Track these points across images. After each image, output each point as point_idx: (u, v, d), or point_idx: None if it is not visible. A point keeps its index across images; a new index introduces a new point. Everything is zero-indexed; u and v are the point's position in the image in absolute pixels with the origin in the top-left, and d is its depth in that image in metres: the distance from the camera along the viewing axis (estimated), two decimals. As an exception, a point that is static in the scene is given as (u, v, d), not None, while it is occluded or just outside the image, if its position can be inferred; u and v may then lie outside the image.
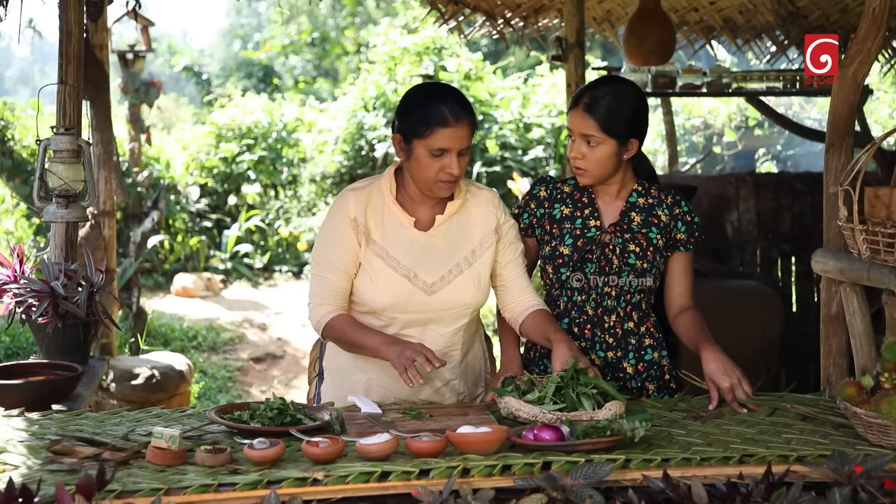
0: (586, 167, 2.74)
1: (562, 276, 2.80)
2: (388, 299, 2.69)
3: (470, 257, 2.74)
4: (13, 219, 8.85)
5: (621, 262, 2.76)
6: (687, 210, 2.82)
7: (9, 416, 2.49)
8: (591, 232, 2.79)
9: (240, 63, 19.64)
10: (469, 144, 2.63)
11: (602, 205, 2.83)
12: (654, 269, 2.79)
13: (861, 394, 2.29)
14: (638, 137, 2.76)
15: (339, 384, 2.83)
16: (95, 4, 4.93)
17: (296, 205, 11.25)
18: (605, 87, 2.75)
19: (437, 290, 2.70)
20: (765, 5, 6.22)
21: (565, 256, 2.79)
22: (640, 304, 2.82)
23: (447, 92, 2.67)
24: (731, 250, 6.07)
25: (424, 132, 2.59)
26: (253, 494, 1.92)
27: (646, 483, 1.93)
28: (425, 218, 2.74)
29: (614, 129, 2.69)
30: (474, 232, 2.76)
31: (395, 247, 2.70)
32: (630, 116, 2.72)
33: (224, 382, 7.30)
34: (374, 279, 2.69)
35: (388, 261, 2.69)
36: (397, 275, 2.68)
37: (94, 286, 3.27)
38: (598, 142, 2.70)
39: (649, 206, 2.81)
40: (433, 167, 2.61)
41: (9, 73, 33.81)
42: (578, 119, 2.71)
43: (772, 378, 4.73)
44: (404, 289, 2.68)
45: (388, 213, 2.72)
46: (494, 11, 6.18)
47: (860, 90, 3.10)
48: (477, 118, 2.71)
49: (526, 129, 11.30)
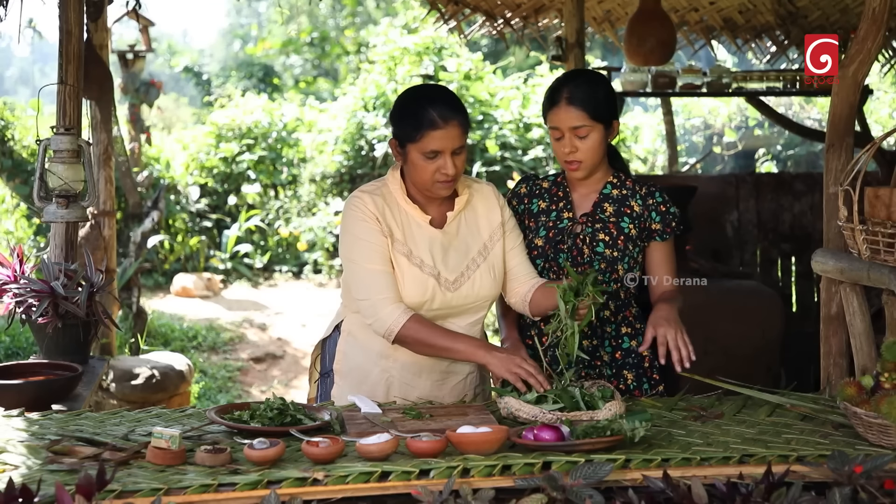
0: (581, 158, 2.79)
1: (538, 268, 2.85)
2: (416, 298, 2.70)
3: (483, 251, 2.78)
4: (13, 219, 8.85)
5: (591, 252, 2.81)
6: (661, 200, 2.86)
7: (9, 416, 2.49)
8: (564, 223, 2.86)
9: (240, 63, 19.63)
10: (463, 143, 2.65)
11: (577, 197, 2.90)
12: (627, 258, 2.83)
13: (861, 394, 2.29)
14: (616, 118, 2.85)
15: (357, 385, 2.79)
16: (95, 4, 4.93)
17: (296, 205, 11.25)
18: (576, 78, 2.87)
19: (458, 287, 2.74)
20: (765, 5, 6.22)
21: (539, 248, 2.86)
22: (617, 293, 2.85)
23: (435, 94, 2.71)
24: (731, 250, 6.06)
25: (416, 136, 2.62)
26: (253, 494, 1.92)
27: (646, 483, 1.93)
28: (436, 215, 2.77)
29: (599, 114, 2.77)
30: (482, 225, 2.80)
31: (417, 246, 2.72)
32: (608, 99, 2.82)
33: (224, 382, 7.30)
34: (402, 278, 2.69)
35: (414, 260, 2.71)
36: (423, 274, 2.70)
37: (94, 286, 3.27)
38: (588, 130, 2.77)
39: (622, 196, 2.87)
40: (429, 169, 2.64)
41: (9, 73, 33.81)
42: (563, 114, 2.78)
43: (772, 378, 4.73)
44: (430, 287, 2.71)
45: (403, 213, 2.74)
46: (494, 11, 6.19)
47: (860, 90, 3.10)
48: (468, 116, 2.74)
49: (526, 129, 11.30)
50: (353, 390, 2.76)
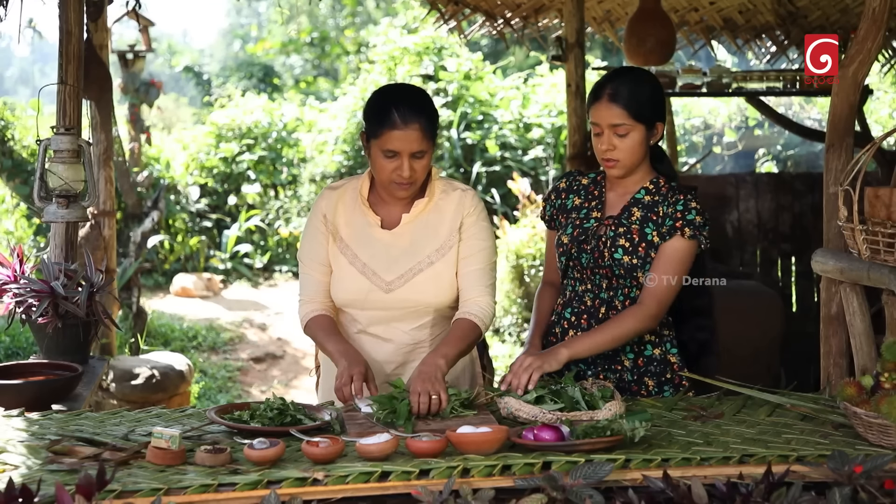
0: (619, 157, 2.73)
1: (563, 265, 2.83)
2: (349, 295, 2.76)
3: (432, 256, 2.76)
4: (13, 219, 8.85)
5: (611, 257, 2.76)
6: (683, 206, 2.73)
7: (9, 416, 2.49)
8: (590, 223, 2.81)
9: (240, 63, 19.64)
10: (424, 147, 2.65)
11: (611, 197, 2.84)
12: (649, 265, 2.74)
13: (861, 394, 2.29)
14: (661, 120, 2.77)
15: (328, 378, 2.87)
16: (95, 4, 4.93)
17: (296, 205, 11.25)
18: (623, 76, 2.78)
19: (394, 289, 2.74)
20: (765, 5, 6.22)
21: (564, 245, 2.82)
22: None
23: (402, 94, 2.71)
24: (731, 250, 6.06)
25: (377, 133, 2.65)
26: (253, 494, 1.92)
27: (646, 483, 1.93)
28: (393, 217, 2.78)
29: (642, 114, 2.71)
30: (441, 231, 2.78)
31: (357, 244, 2.76)
32: (652, 99, 2.75)
33: (224, 382, 7.30)
34: (338, 276, 2.77)
35: (350, 258, 2.76)
36: (357, 272, 2.75)
37: (94, 286, 3.27)
38: (628, 129, 2.71)
39: (653, 202, 2.78)
40: (387, 168, 2.66)
41: (9, 73, 33.83)
42: (604, 110, 2.72)
43: (772, 378, 4.73)
44: (363, 286, 2.74)
45: (357, 211, 2.79)
46: (494, 11, 6.18)
47: (860, 90, 3.10)
48: (436, 120, 2.71)
49: (526, 129, 11.30)
50: (327, 382, 2.84)
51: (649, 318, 2.69)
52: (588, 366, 2.77)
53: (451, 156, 10.95)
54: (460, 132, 11.12)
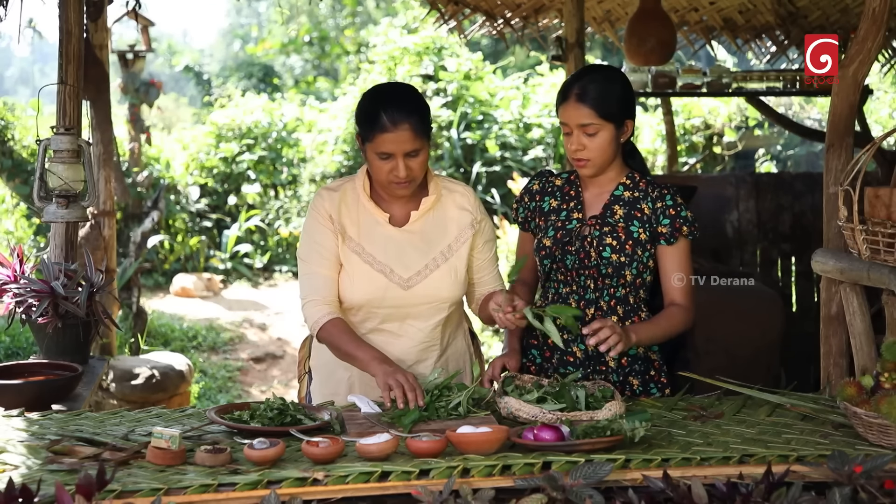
0: (589, 156, 2.73)
1: (546, 268, 2.83)
2: (366, 295, 2.74)
3: (446, 252, 2.78)
4: (13, 219, 8.84)
5: (598, 256, 2.76)
6: (672, 204, 2.76)
7: (9, 416, 2.49)
8: (572, 224, 2.81)
9: (240, 63, 19.64)
10: (417, 146, 2.65)
11: (588, 197, 2.84)
12: (636, 262, 2.75)
13: (861, 394, 2.29)
14: (631, 117, 2.78)
15: (324, 382, 2.87)
16: (95, 4, 4.93)
17: (296, 205, 11.25)
18: (590, 75, 2.77)
19: (413, 285, 2.74)
20: (765, 5, 6.22)
21: (547, 248, 2.81)
22: (626, 298, 2.79)
23: (391, 96, 2.70)
24: (731, 250, 6.06)
25: (369, 136, 2.65)
26: (253, 494, 1.92)
27: (646, 483, 1.93)
28: (400, 214, 2.78)
29: (610, 113, 2.71)
30: (450, 227, 2.80)
31: (370, 243, 2.75)
32: (621, 97, 2.74)
33: (224, 382, 7.31)
34: (352, 275, 2.73)
35: (364, 257, 2.74)
36: (373, 270, 2.73)
37: (94, 286, 3.27)
38: (597, 129, 2.71)
39: (634, 199, 2.80)
40: (383, 169, 2.66)
41: (9, 73, 33.83)
42: (572, 111, 2.72)
43: (772, 378, 4.72)
44: (380, 284, 2.73)
45: (362, 210, 2.77)
46: (494, 11, 6.19)
47: (860, 90, 3.10)
48: (427, 117, 2.69)
49: (526, 129, 11.30)
50: (324, 387, 2.83)
51: (691, 314, 2.78)
52: (576, 368, 2.76)
53: (451, 156, 10.95)
54: (460, 132, 11.12)
